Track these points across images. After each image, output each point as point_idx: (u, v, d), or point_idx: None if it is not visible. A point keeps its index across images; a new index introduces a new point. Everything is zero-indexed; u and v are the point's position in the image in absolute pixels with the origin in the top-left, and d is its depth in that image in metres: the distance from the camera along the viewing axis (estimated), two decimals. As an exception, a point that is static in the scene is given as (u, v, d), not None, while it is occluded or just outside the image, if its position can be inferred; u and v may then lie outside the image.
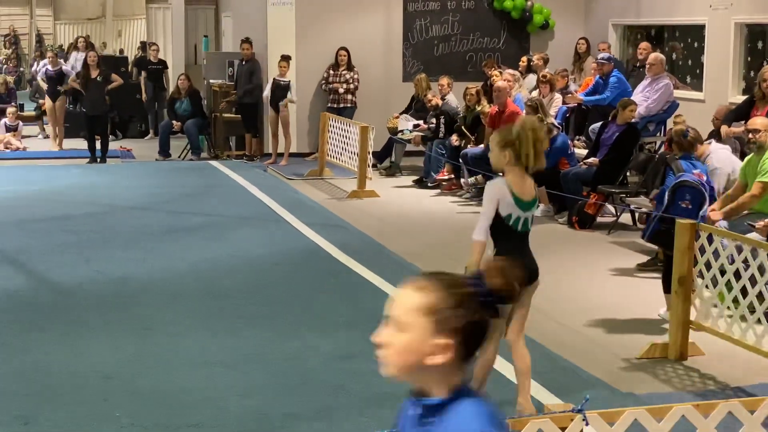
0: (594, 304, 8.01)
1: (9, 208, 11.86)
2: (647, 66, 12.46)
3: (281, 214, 11.59)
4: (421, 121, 14.43)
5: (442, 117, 13.81)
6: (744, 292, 6.31)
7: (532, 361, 5.50)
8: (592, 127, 12.36)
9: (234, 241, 10.19)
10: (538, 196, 5.30)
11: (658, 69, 12.33)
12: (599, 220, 11.05)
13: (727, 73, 13.40)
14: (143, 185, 13.81)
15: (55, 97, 17.52)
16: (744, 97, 12.03)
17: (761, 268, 6.20)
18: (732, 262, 6.48)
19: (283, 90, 15.35)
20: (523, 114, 12.25)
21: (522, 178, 5.22)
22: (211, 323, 7.33)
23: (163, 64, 19.34)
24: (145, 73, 19.21)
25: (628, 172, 11.38)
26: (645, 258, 9.30)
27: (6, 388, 5.92)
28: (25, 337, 6.91)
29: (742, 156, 9.06)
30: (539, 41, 16.81)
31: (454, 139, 13.25)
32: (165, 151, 16.62)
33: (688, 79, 14.67)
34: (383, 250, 9.75)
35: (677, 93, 12.92)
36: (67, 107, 18.16)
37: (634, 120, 11.38)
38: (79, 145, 17.03)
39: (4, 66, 27.76)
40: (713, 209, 8.03)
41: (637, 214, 10.91)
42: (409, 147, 14.57)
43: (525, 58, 15.25)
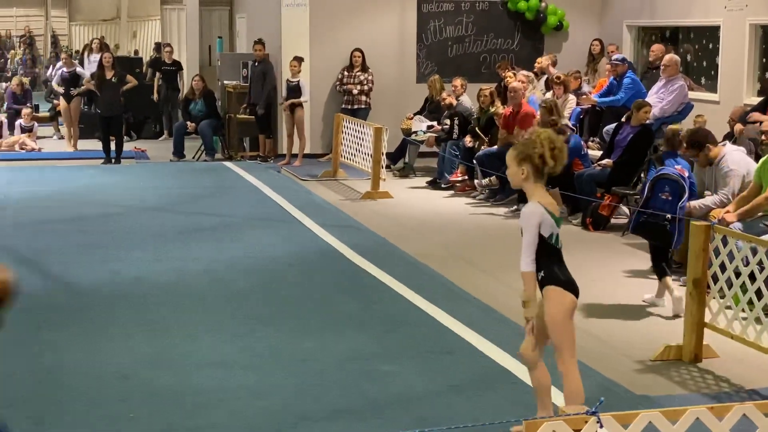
0: (608, 305, 7.99)
1: (25, 209, 11.92)
2: (662, 67, 12.43)
3: (295, 215, 11.61)
4: (434, 122, 14.43)
5: (455, 118, 13.81)
6: (759, 294, 6.29)
7: (546, 364, 5.48)
8: (606, 129, 12.34)
9: (248, 241, 10.21)
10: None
11: (673, 70, 12.29)
12: (613, 221, 11.03)
13: (741, 74, 13.36)
14: (158, 186, 13.85)
15: (69, 99, 17.58)
16: (759, 98, 12.02)
17: (776, 270, 6.18)
18: (747, 264, 6.47)
19: (293, 91, 15.39)
20: (537, 115, 12.25)
21: (547, 195, 5.05)
22: (225, 324, 7.35)
23: (177, 65, 19.40)
24: (159, 74, 19.28)
25: (642, 174, 11.35)
26: (659, 260, 9.27)
27: (20, 389, 5.95)
28: (40, 337, 6.95)
29: (757, 158, 9.04)
30: (553, 42, 16.80)
31: (468, 140, 13.25)
32: (179, 152, 16.67)
33: (703, 80, 14.64)
34: (396, 251, 9.76)
35: (692, 94, 12.89)
36: (82, 108, 18.23)
37: (649, 121, 11.35)
38: (93, 146, 17.10)
39: (20, 67, 27.88)
40: (728, 211, 8.02)
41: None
42: (423, 148, 14.58)
43: (540, 60, 15.25)
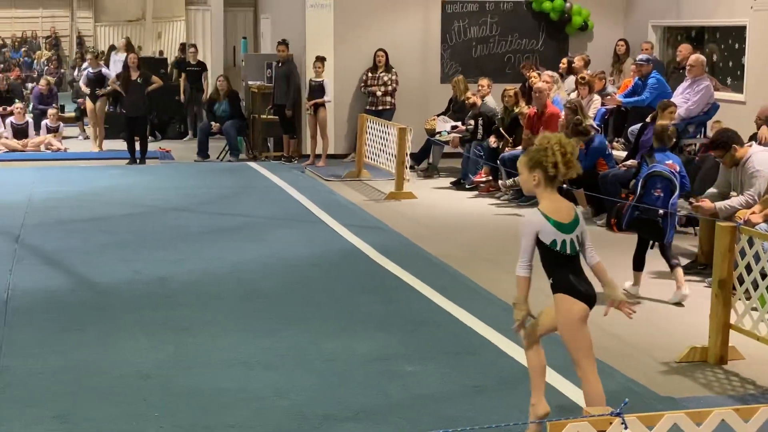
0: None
1: (50, 208, 11.99)
2: (687, 67, 12.35)
3: (319, 215, 11.62)
4: (458, 123, 14.40)
5: (480, 118, 13.77)
6: (786, 295, 6.24)
7: (570, 364, 5.45)
8: (631, 129, 12.26)
9: (272, 241, 10.22)
10: (578, 215, 5.06)
11: (699, 70, 12.21)
12: (638, 222, 10.95)
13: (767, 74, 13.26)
14: (182, 186, 13.90)
15: (95, 99, 17.67)
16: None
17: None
18: (773, 265, 6.41)
19: (316, 91, 15.41)
20: (562, 115, 12.20)
21: (557, 201, 5.02)
22: (248, 324, 7.35)
23: (202, 66, 19.46)
24: (184, 75, 19.35)
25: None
26: (685, 261, 9.22)
27: (45, 387, 5.98)
28: (64, 337, 6.98)
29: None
30: (578, 43, 16.73)
31: (492, 140, 13.21)
32: (204, 153, 16.72)
33: (729, 80, 14.53)
34: (420, 252, 9.74)
35: (717, 95, 12.79)
36: (107, 109, 18.32)
37: (674, 122, 11.27)
38: (118, 147, 17.18)
39: (46, 68, 28.05)
40: (754, 212, 7.95)
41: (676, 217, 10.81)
42: (447, 149, 14.56)
43: (565, 60, 15.18)
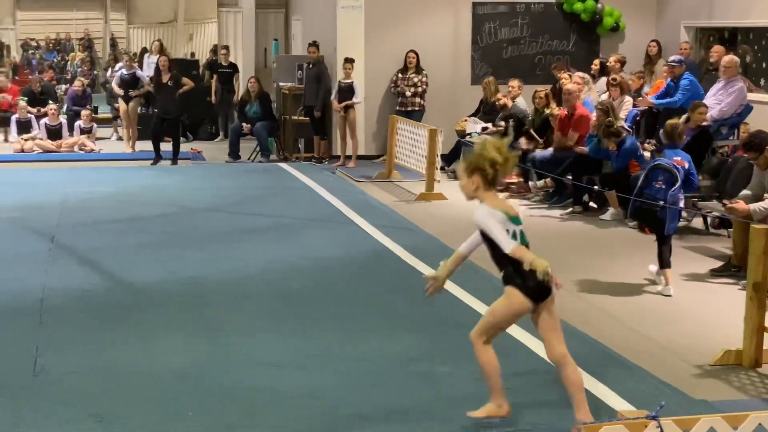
0: (666, 309, 7.91)
1: (84, 209, 12.08)
2: (721, 69, 12.27)
3: (349, 216, 11.64)
4: (489, 124, 14.38)
5: (510, 120, 13.75)
6: (821, 298, 6.19)
7: (604, 367, 5.45)
8: (662, 131, 12.19)
9: (302, 242, 10.25)
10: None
11: (732, 72, 12.13)
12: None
13: (802, 75, 13.15)
14: (213, 187, 13.97)
15: (128, 100, 17.80)
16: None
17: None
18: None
19: (346, 92, 15.45)
20: (592, 117, 12.16)
21: (499, 200, 5.24)
22: (280, 324, 7.39)
23: (233, 68, 19.55)
24: (215, 76, 19.44)
25: (700, 176, 11.21)
26: (718, 263, 9.16)
27: (80, 386, 6.03)
28: (98, 336, 7.03)
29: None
30: (609, 44, 16.65)
31: (523, 142, 13.18)
32: (235, 153, 16.80)
33: (762, 81, 14.41)
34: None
35: (751, 96, 12.70)
36: (140, 110, 18.45)
37: (707, 123, 11.20)
38: (151, 147, 17.27)
39: (79, 69, 28.29)
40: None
41: (709, 219, 10.75)
42: (477, 150, 14.53)
43: (597, 61, 15.12)
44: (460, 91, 16.29)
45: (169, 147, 16.21)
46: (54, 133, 18.04)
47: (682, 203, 8.53)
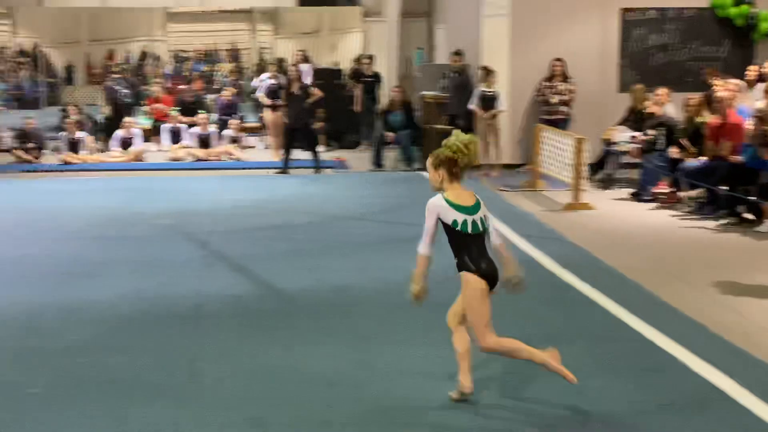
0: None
1: (234, 216, 12.38)
2: None
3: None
4: (637, 133, 14.08)
5: (660, 128, 13.43)
6: None
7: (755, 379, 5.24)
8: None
9: (448, 252, 10.20)
10: (479, 201, 5.69)
11: None
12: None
13: None
14: (357, 195, 14.11)
15: (275, 109, 18.16)
16: None
17: None
18: None
19: (489, 101, 15.38)
20: (746, 125, 11.76)
21: (460, 191, 5.66)
22: (428, 334, 7.36)
23: (376, 77, 19.72)
24: (359, 85, 19.66)
25: None
26: None
27: (237, 391, 6.15)
28: (252, 342, 7.17)
29: None
30: (765, 50, 16.09)
31: (674, 151, 12.86)
32: (378, 162, 16.94)
33: None
34: (600, 264, 9.56)
35: None
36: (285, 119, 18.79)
37: None
38: (297, 156, 17.58)
39: (227, 79, 29.04)
40: None
41: None
42: (625, 159, 14.25)
43: (754, 68, 14.62)
44: (607, 99, 16.02)
45: (301, 156, 16.48)
46: (204, 141, 18.56)
47: None
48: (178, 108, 20.21)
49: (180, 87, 23.29)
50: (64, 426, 5.59)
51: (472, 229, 5.63)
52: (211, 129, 18.97)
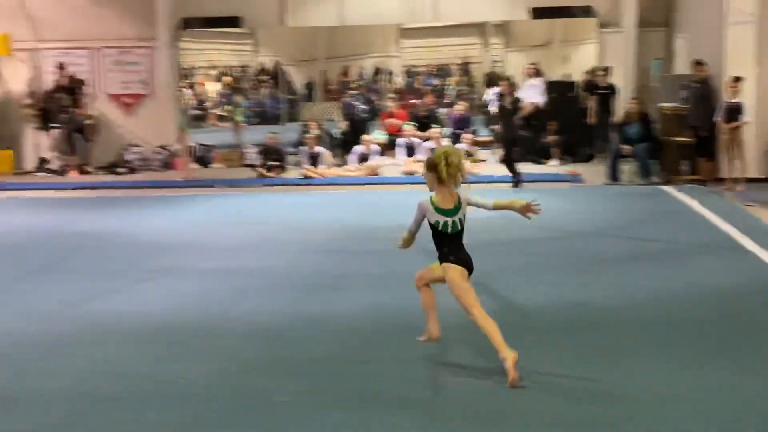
0: None
1: (468, 230, 12.31)
2: None
3: (741, 243, 11.04)
4: None
5: None
6: None
7: None
8: None
9: (692, 269, 9.85)
10: (460, 204, 6.62)
11: None
12: None
13: None
14: (592, 210, 13.85)
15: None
16: None
17: None
18: None
19: (732, 112, 14.72)
20: None
21: (445, 195, 6.58)
22: (676, 354, 7.10)
23: (611, 88, 19.31)
24: (593, 98, 19.31)
25: None
26: None
27: (484, 405, 6.10)
28: (492, 357, 7.10)
29: None
30: None
31: None
32: (614, 176, 16.57)
33: None
34: None
35: None
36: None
37: None
38: (527, 170, 17.45)
39: (457, 93, 29.24)
40: None
41: None
42: None
43: None
44: None
45: (530, 169, 16.38)
46: (438, 155, 18.76)
47: None
48: (413, 123, 20.52)
49: (412, 101, 23.66)
50: (313, 435, 5.74)
51: (451, 230, 6.67)
52: (444, 143, 19.14)
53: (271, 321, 8.18)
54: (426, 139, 19.43)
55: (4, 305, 8.79)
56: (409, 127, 20.17)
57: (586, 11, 20.61)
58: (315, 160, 18.89)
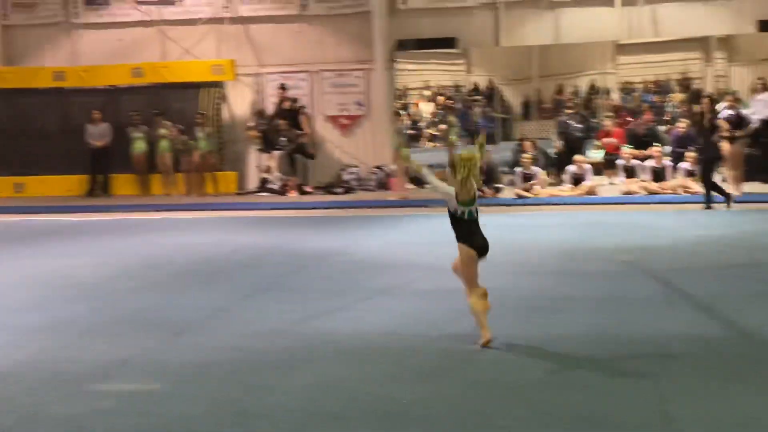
0: None
1: (697, 253, 11.90)
2: None
3: None
4: None
5: None
6: None
7: None
8: None
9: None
10: (475, 196, 7.74)
11: None
12: None
13: None
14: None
15: (733, 140, 17.36)
16: None
17: None
18: None
19: None
20: None
21: (462, 187, 7.65)
22: None
23: None
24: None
25: None
26: None
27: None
28: (726, 388, 6.74)
29: None
30: None
31: None
32: None
33: None
34: None
35: None
36: (744, 150, 17.90)
37: None
38: (758, 189, 16.64)
39: (678, 110, 28.33)
40: None
41: None
42: None
43: None
44: None
45: (757, 188, 15.59)
46: (658, 174, 18.15)
47: None
48: (631, 144, 19.99)
49: (629, 119, 23.06)
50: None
51: (467, 216, 7.80)
52: (666, 162, 18.53)
53: (496, 342, 8.07)
54: (645, 158, 18.86)
55: (235, 322, 9.08)
56: (627, 150, 19.64)
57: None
58: (529, 180, 18.68)
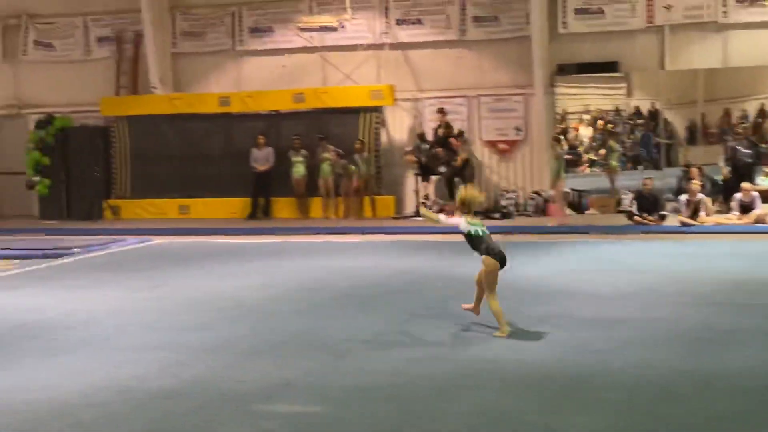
0: None
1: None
2: None
3: None
4: None
5: None
6: None
7: None
8: None
9: None
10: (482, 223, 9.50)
11: None
12: None
13: None
14: None
15: None
16: None
17: None
18: None
19: None
20: None
21: (473, 218, 9.48)
22: None
23: None
24: None
25: None
26: None
27: None
28: None
29: None
30: None
31: None
32: None
33: None
34: None
35: None
36: None
37: None
38: None
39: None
40: None
41: None
42: None
43: None
44: None
45: None
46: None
47: None
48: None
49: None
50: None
51: (482, 233, 9.36)
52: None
53: (657, 375, 7.77)
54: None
55: (394, 347, 9.03)
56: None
57: None
58: (695, 207, 18.07)
